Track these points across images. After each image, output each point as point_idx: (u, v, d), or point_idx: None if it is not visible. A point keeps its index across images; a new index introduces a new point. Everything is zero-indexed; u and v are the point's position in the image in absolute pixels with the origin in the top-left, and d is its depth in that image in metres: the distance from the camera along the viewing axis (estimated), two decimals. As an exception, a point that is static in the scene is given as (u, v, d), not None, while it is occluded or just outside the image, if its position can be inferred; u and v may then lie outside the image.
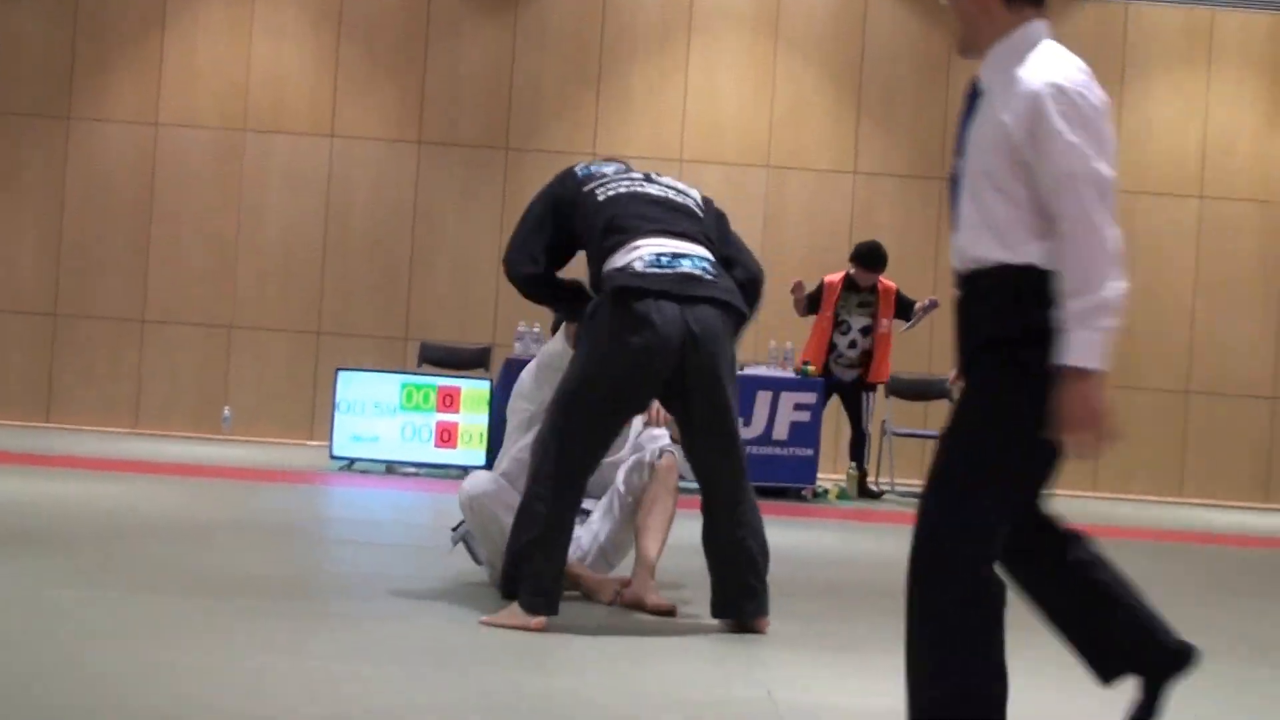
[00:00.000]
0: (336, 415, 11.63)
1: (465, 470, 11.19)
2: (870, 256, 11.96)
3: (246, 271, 14.59)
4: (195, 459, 11.75)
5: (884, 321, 12.00)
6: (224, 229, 14.61)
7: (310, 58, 14.73)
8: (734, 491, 5.21)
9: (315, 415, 14.24)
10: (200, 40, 14.66)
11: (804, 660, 4.71)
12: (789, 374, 11.61)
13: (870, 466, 12.65)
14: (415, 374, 12.15)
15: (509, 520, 5.25)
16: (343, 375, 11.78)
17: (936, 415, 13.51)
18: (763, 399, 11.22)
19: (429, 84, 14.69)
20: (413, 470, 11.53)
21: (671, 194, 5.41)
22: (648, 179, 5.47)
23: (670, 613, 5.33)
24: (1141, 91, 14.90)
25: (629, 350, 4.98)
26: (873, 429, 12.21)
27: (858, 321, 11.99)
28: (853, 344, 11.99)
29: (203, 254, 14.62)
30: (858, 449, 12.19)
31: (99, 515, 7.57)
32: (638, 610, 5.31)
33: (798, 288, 11.92)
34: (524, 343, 11.24)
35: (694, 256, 5.17)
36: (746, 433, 11.11)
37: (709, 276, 5.13)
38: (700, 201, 5.51)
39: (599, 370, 5.03)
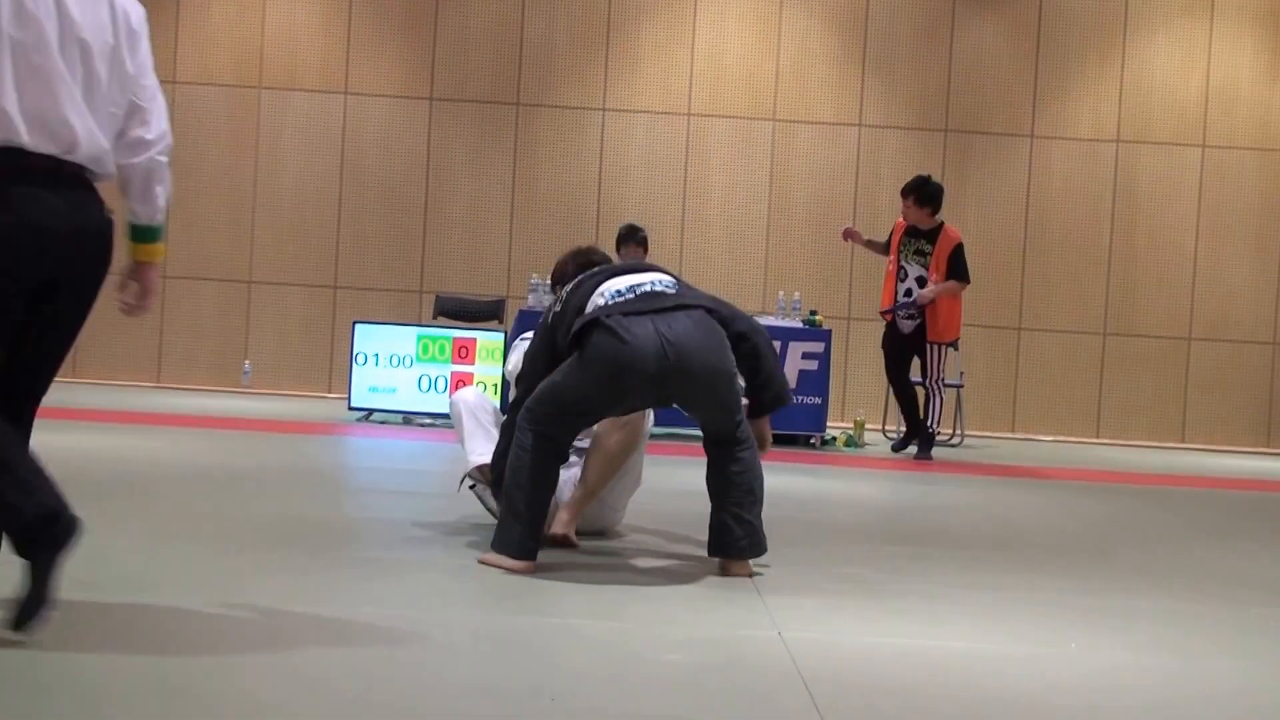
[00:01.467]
0: (354, 367, 11.67)
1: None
2: (915, 190, 11.17)
3: (263, 227, 14.61)
4: (217, 412, 11.81)
5: (934, 277, 11.13)
6: (240, 186, 14.63)
7: (322, 15, 14.70)
8: (733, 436, 5.20)
9: (333, 368, 14.29)
10: (214, 0, 14.65)
11: (812, 601, 4.75)
12: (796, 324, 11.62)
13: (874, 415, 12.64)
14: (431, 326, 12.16)
15: (471, 425, 5.81)
16: (360, 328, 11.82)
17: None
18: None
19: (440, 40, 14.66)
20: (429, 421, 11.57)
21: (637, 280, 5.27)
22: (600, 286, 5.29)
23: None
24: (1144, 41, 14.84)
25: (606, 369, 4.95)
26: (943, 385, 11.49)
27: (914, 270, 11.24)
28: (908, 293, 11.23)
29: (220, 210, 14.64)
30: (926, 404, 11.32)
31: (126, 467, 7.62)
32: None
33: (850, 234, 11.49)
34: (537, 294, 11.26)
35: (651, 281, 5.18)
36: (755, 382, 11.14)
37: (671, 290, 5.14)
38: (673, 281, 5.35)
39: (577, 394, 5.02)
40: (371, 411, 11.67)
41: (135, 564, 4.76)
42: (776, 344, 11.04)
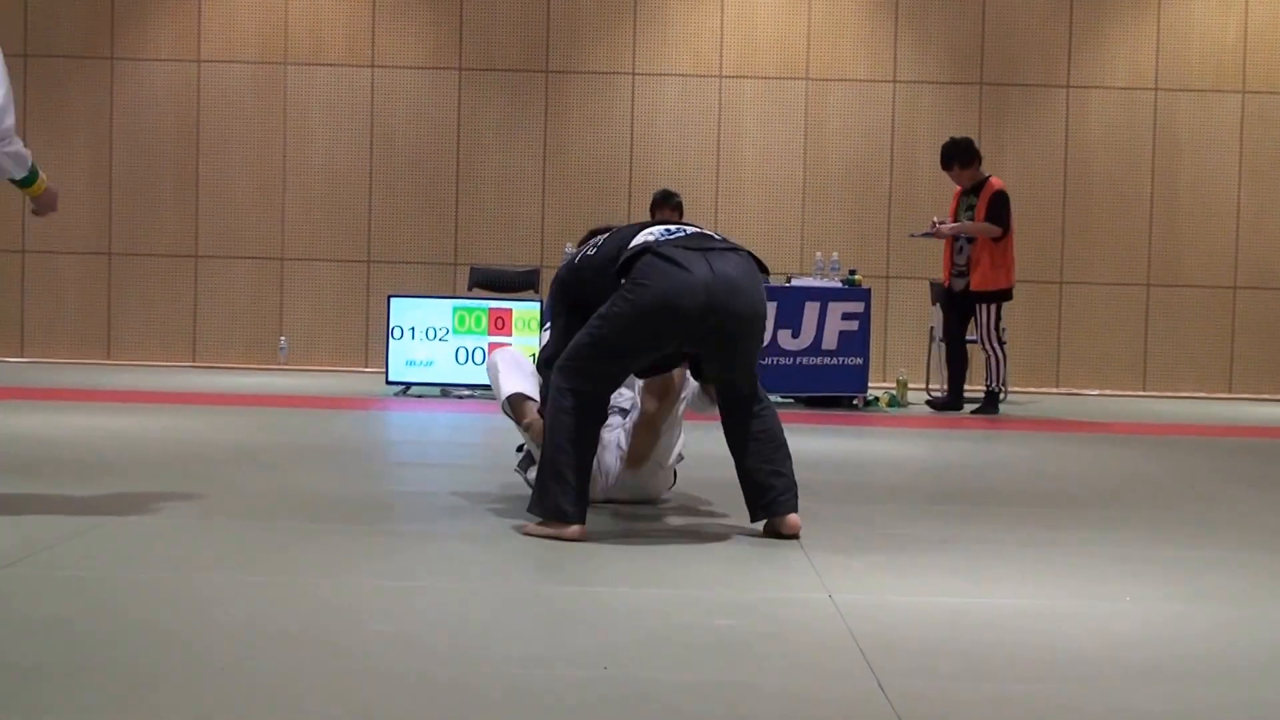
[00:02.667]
0: (391, 341, 11.67)
1: (519, 391, 11.25)
2: (950, 156, 11.54)
3: (294, 203, 14.63)
4: (255, 389, 11.84)
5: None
6: (270, 162, 14.63)
7: (348, -12, 14.68)
8: (754, 392, 5.20)
9: (369, 342, 14.32)
10: (239, -25, 14.64)
11: (861, 562, 4.72)
12: (836, 284, 11.56)
13: (917, 374, 12.60)
14: (466, 298, 12.16)
15: (506, 370, 5.74)
16: (395, 302, 11.82)
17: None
18: (810, 310, 11.18)
19: (467, 10, 14.62)
20: (467, 393, 11.57)
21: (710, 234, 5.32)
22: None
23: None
24: (1180, -12, 14.70)
25: (659, 295, 4.91)
26: (1002, 341, 11.66)
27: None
28: (960, 249, 11.50)
29: (250, 188, 14.66)
30: (986, 366, 11.63)
31: (166, 446, 7.64)
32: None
33: (935, 230, 11.56)
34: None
35: (698, 227, 5.24)
36: (795, 344, 11.11)
37: (719, 235, 5.18)
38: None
39: (617, 330, 4.96)
40: (409, 385, 11.68)
41: (180, 541, 4.76)
42: (815, 305, 11.16)
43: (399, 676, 3.17)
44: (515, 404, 5.75)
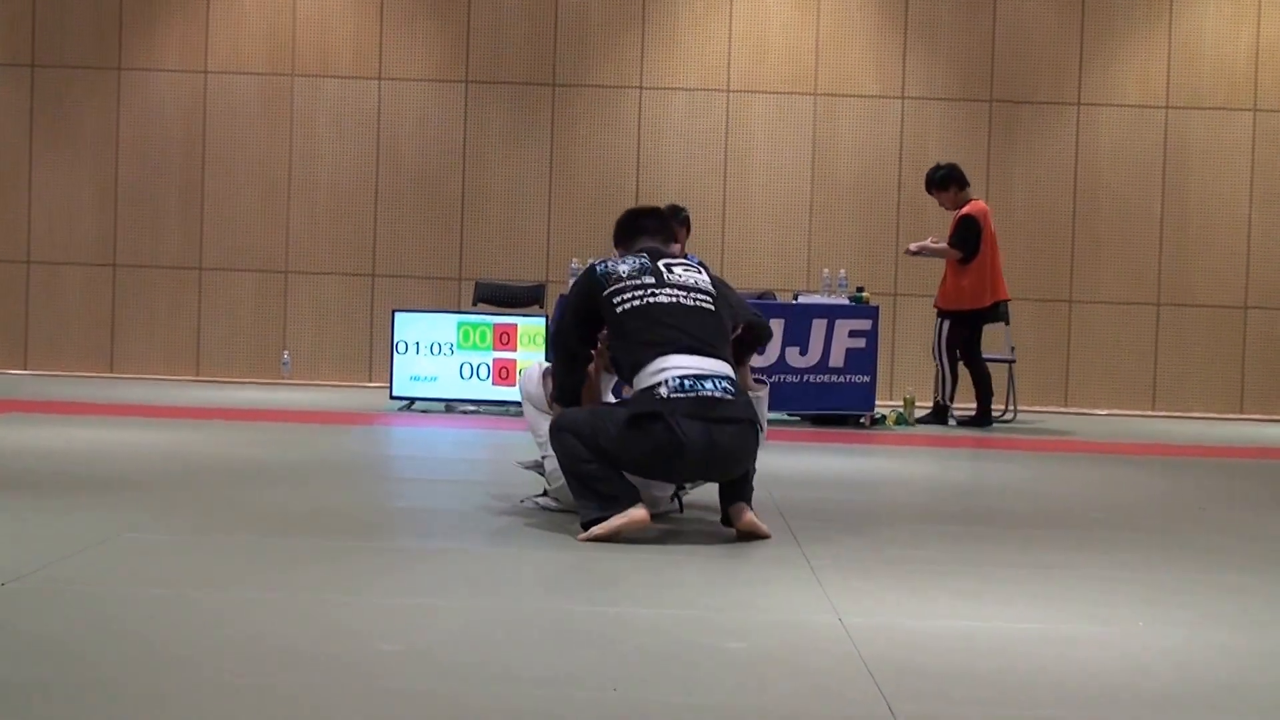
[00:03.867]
0: (395, 356, 11.67)
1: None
2: (931, 184, 11.99)
3: (299, 216, 14.64)
4: (258, 403, 11.84)
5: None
6: (275, 175, 14.65)
7: (354, 0, 14.70)
8: (745, 477, 5.79)
9: (373, 357, 14.32)
10: (246, -13, 14.67)
11: (871, 584, 4.71)
12: (843, 301, 11.56)
13: (925, 393, 12.60)
14: (471, 313, 12.16)
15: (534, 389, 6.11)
16: (399, 316, 11.81)
17: (992, 338, 13.46)
18: (818, 327, 11.18)
19: (474, 22, 14.64)
20: (472, 408, 11.57)
21: (681, 297, 5.64)
22: (659, 281, 5.67)
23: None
24: (1191, 1, 14.70)
25: (659, 455, 5.42)
26: (944, 357, 11.86)
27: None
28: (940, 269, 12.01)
29: (256, 200, 14.67)
30: (976, 380, 11.93)
31: (168, 460, 7.64)
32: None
33: (909, 250, 11.96)
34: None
35: (715, 377, 5.48)
36: (802, 361, 11.12)
37: (729, 396, 5.45)
38: (710, 288, 5.76)
39: (619, 452, 5.44)
40: (413, 400, 11.68)
41: (182, 558, 4.75)
42: (823, 322, 11.16)
43: (407, 695, 3.17)
44: (546, 382, 6.09)
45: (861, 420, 11.44)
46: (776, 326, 10.90)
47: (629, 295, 5.61)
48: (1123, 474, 8.92)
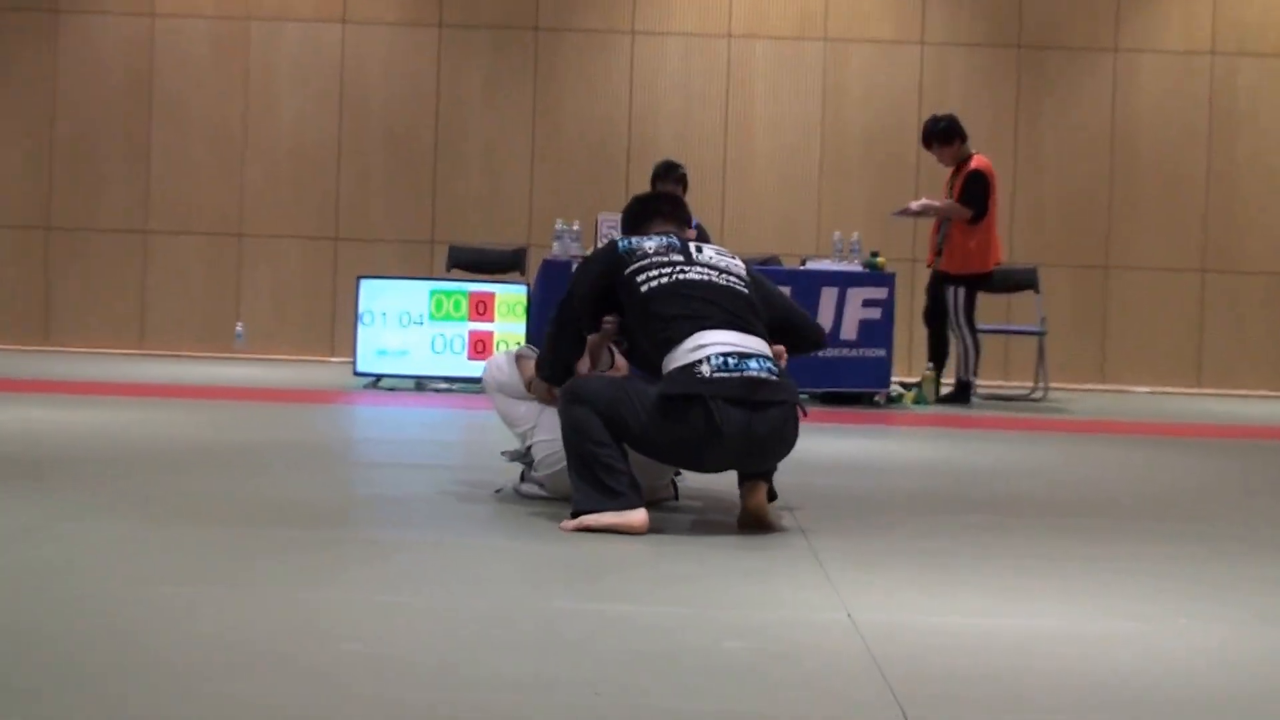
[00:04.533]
0: (360, 328, 11.67)
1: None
2: (931, 136, 11.98)
3: (255, 174, 14.62)
4: (208, 380, 11.83)
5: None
6: (230, 128, 14.62)
7: (316, -65, 14.67)
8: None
9: (336, 329, 14.32)
10: (195, -80, 14.63)
11: (884, 578, 4.72)
12: (856, 267, 11.56)
13: (947, 367, 12.62)
14: (444, 280, 12.15)
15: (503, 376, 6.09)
16: (365, 284, 11.81)
17: (1020, 308, 13.48)
18: (828, 296, 11.18)
19: (448, -41, 14.62)
20: (445, 386, 11.57)
21: (713, 276, 5.61)
22: (688, 259, 5.65)
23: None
24: (1241, -59, 14.70)
25: (692, 442, 5.37)
26: (961, 327, 11.87)
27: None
28: (939, 229, 11.97)
29: (208, 156, 14.65)
30: (934, 349, 12.04)
31: (110, 443, 7.63)
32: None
33: (906, 209, 11.95)
34: (563, 242, 11.23)
35: (758, 356, 5.43)
36: (811, 334, 11.11)
37: (774, 377, 5.41)
38: (744, 273, 5.73)
39: (655, 429, 5.38)
40: (380, 377, 11.68)
41: (139, 552, 4.76)
42: (833, 291, 11.16)
43: (373, 701, 3.18)
44: (521, 365, 6.06)
45: (876, 399, 11.45)
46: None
47: (656, 273, 5.56)
48: (1164, 457, 8.93)
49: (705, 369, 5.31)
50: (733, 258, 5.78)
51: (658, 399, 5.32)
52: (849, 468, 7.78)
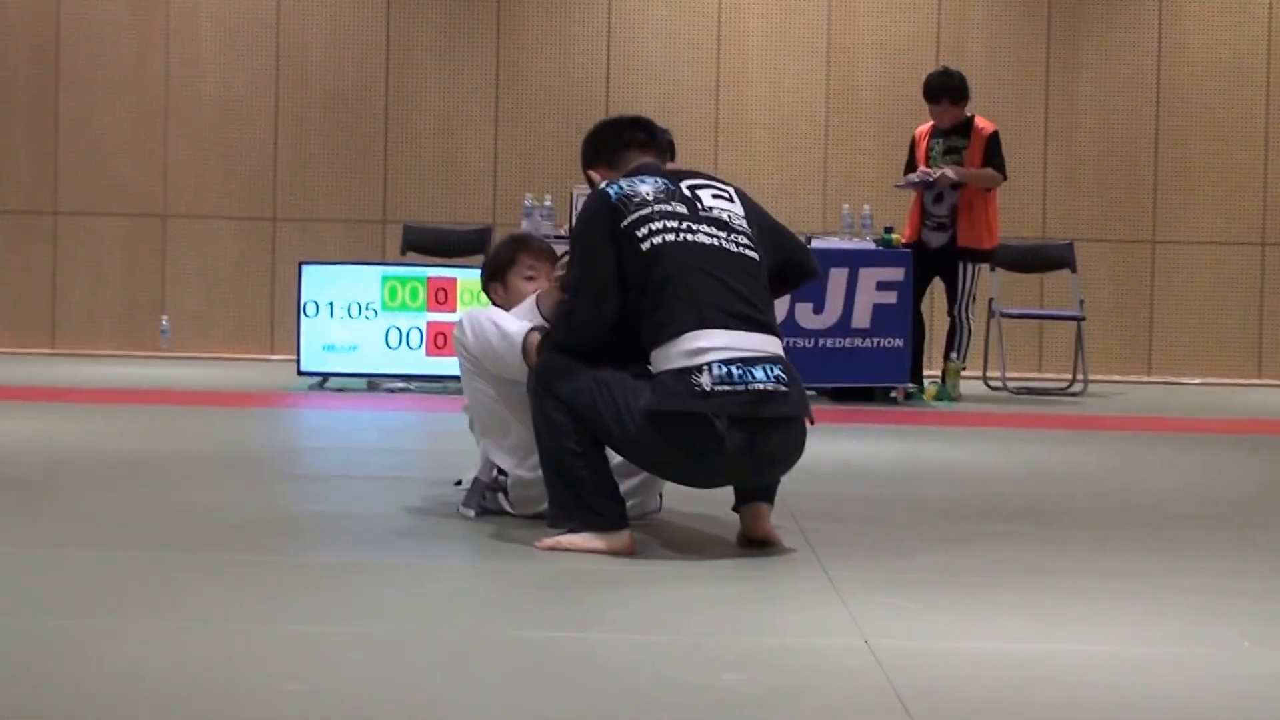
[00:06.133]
0: (303, 321, 11.63)
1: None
2: (929, 88, 11.88)
3: (180, 147, 14.59)
4: (130, 382, 11.81)
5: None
6: (149, 95, 14.59)
7: (247, -128, 14.65)
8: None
9: (276, 322, 14.29)
10: None
11: (906, 600, 4.71)
12: (868, 244, 11.54)
13: (973, 358, 12.63)
14: (399, 265, 12.12)
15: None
16: (308, 271, 11.77)
17: (1055, 290, 13.49)
18: (837, 278, 11.15)
19: (398, -102, 14.60)
20: (401, 385, 11.55)
21: (722, 238, 5.42)
22: (693, 212, 5.43)
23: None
24: None
25: (687, 458, 5.29)
26: (975, 311, 11.89)
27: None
28: (939, 198, 11.77)
29: (124, 127, 14.61)
30: (951, 336, 11.93)
31: (15, 455, 7.61)
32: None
33: (929, 177, 11.80)
34: (532, 219, 11.22)
35: (766, 361, 5.30)
36: (818, 322, 11.11)
37: (783, 387, 5.28)
38: (746, 225, 5.56)
39: (634, 452, 5.34)
40: (327, 376, 11.65)
41: (33, 577, 4.73)
42: (843, 272, 11.14)
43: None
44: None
45: (893, 395, 11.44)
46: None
47: (658, 226, 5.34)
48: (1222, 459, 8.93)
49: (705, 380, 5.17)
50: (729, 198, 5.56)
51: (649, 414, 5.17)
52: (864, 474, 7.77)
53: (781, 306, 10.85)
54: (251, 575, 4.87)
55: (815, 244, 11.55)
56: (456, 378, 11.13)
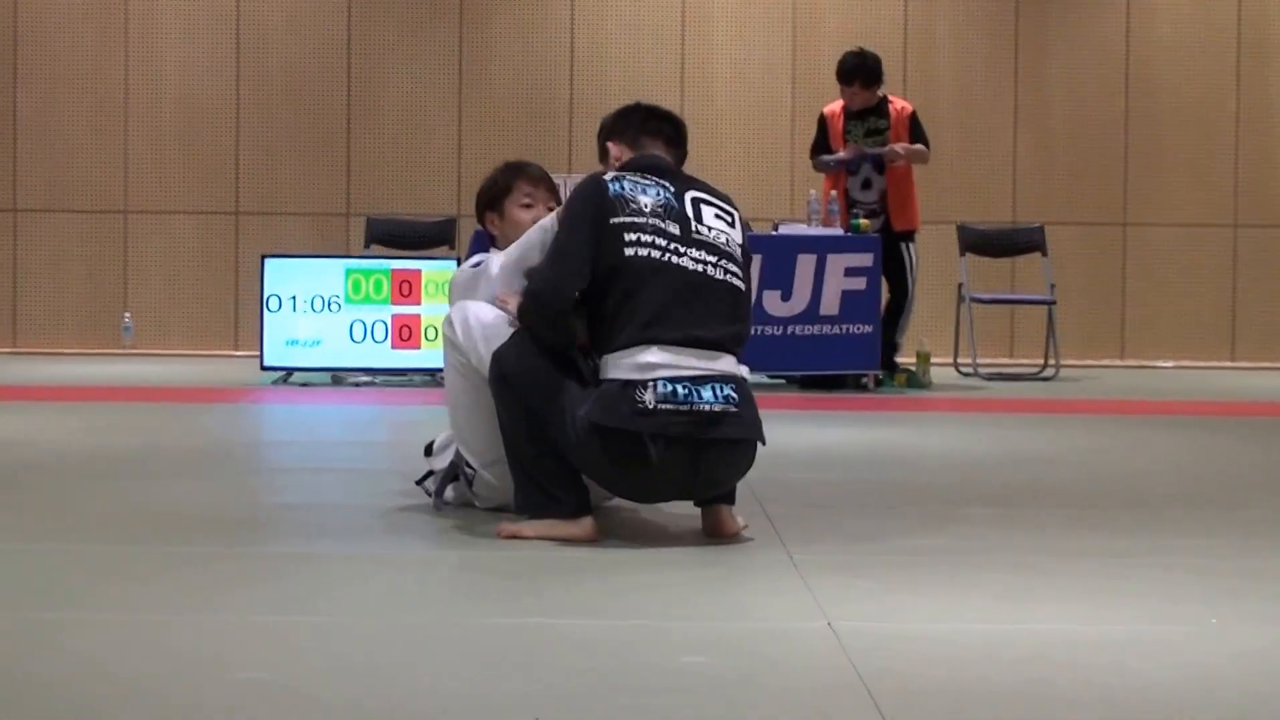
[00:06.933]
0: (266, 315, 11.62)
1: (433, 375, 11.22)
2: (844, 69, 11.85)
3: (140, 140, 14.56)
4: (93, 380, 11.79)
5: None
6: (108, 89, 14.56)
7: None
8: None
9: (239, 317, 14.28)
10: None
11: (871, 582, 4.71)
12: (836, 231, 11.55)
13: (944, 344, 12.64)
14: (362, 258, 12.12)
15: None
16: (271, 264, 11.77)
17: (1026, 274, 13.52)
18: (805, 265, 11.17)
19: (357, -113, 14.59)
20: (366, 380, 11.54)
21: (709, 265, 5.36)
22: (685, 236, 5.36)
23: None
24: None
25: (623, 474, 5.29)
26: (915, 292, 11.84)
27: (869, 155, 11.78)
28: (867, 184, 11.81)
29: (84, 122, 14.58)
30: (898, 314, 11.87)
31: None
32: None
33: (862, 153, 11.82)
34: (497, 209, 11.18)
35: (717, 381, 5.23)
36: (786, 309, 11.11)
37: (732, 408, 5.23)
38: (739, 254, 5.50)
39: (580, 457, 5.28)
40: (291, 371, 11.64)
41: (2, 573, 4.73)
42: (811, 258, 11.15)
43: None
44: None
45: (863, 381, 11.45)
46: (753, 263, 10.85)
47: (646, 239, 5.30)
48: (1195, 441, 8.96)
49: (648, 397, 5.13)
50: (731, 223, 5.52)
51: (588, 427, 5.16)
52: (832, 460, 7.78)
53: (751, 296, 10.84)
54: (215, 568, 4.86)
55: (783, 230, 11.58)
56: (422, 370, 11.28)
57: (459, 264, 11.45)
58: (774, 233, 11.65)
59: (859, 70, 11.82)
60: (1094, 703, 3.48)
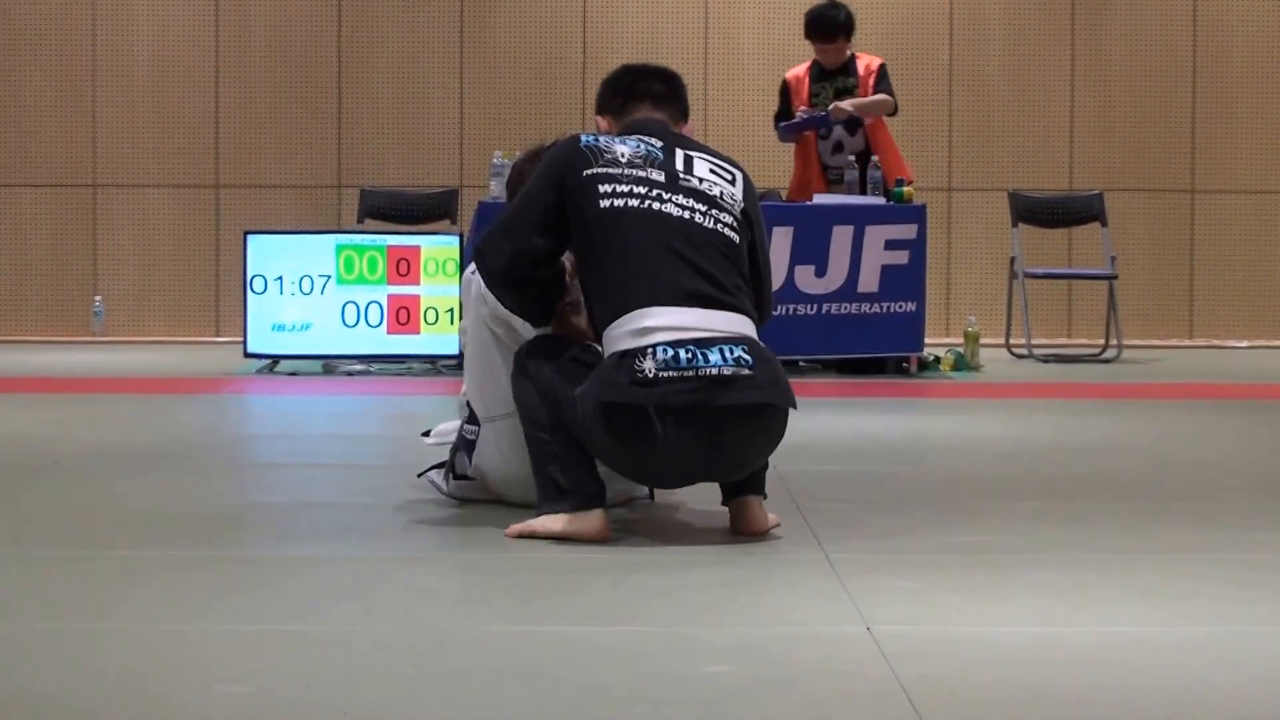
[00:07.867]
0: (250, 297, 11.63)
1: (433, 361, 11.25)
2: (824, 24, 11.79)
3: (110, 109, 14.57)
4: (61, 370, 11.80)
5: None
6: (74, 54, 14.58)
7: None
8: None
9: (221, 299, 14.29)
10: None
11: (913, 582, 4.73)
12: (876, 200, 11.53)
13: (995, 323, 12.65)
14: (355, 233, 12.11)
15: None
16: (254, 241, 11.75)
17: (1085, 246, 13.51)
18: (840, 237, 11.15)
19: None
20: (360, 367, 11.54)
21: (697, 212, 5.37)
22: (670, 182, 5.39)
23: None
24: None
25: (631, 457, 5.30)
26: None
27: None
28: (838, 147, 11.75)
29: (48, 89, 14.59)
30: None
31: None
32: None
33: (820, 115, 11.75)
34: (502, 179, 11.20)
35: (725, 342, 5.22)
36: (821, 286, 11.10)
37: (745, 370, 5.20)
38: (740, 208, 5.48)
39: (593, 443, 5.29)
40: (277, 359, 11.65)
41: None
42: (847, 230, 11.14)
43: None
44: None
45: (905, 364, 11.44)
46: (783, 236, 10.89)
47: (623, 189, 5.33)
48: (1271, 428, 8.96)
49: (648, 365, 5.13)
50: (731, 180, 5.51)
51: (594, 407, 5.17)
52: (871, 451, 7.79)
53: (779, 270, 10.83)
54: (196, 573, 4.88)
55: (817, 199, 11.55)
56: (421, 357, 11.29)
57: (461, 239, 11.50)
58: (807, 202, 11.61)
59: (827, 24, 11.78)
60: (1150, 706, 3.50)
